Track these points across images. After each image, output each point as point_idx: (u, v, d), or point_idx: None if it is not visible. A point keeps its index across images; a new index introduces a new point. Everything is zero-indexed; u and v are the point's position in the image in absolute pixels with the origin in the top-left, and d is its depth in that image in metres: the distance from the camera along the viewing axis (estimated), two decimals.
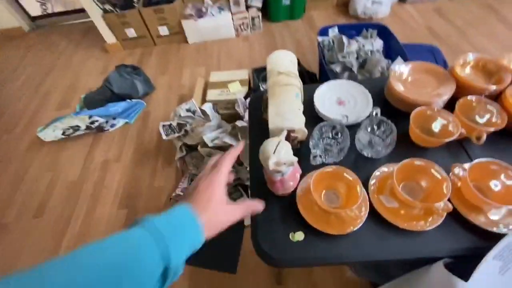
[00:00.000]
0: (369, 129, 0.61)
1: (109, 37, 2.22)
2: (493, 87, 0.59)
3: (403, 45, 1.48)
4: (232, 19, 2.11)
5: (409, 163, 0.50)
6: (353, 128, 0.64)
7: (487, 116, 0.57)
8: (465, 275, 0.41)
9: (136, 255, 0.26)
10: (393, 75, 0.66)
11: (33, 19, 2.67)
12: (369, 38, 1.44)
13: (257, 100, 0.74)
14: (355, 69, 1.30)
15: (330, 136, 0.62)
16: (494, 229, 0.46)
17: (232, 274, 1.10)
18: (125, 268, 0.24)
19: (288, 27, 2.24)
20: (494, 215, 0.48)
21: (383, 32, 1.55)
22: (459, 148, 0.58)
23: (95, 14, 2.05)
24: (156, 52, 2.24)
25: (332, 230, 0.49)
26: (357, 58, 1.39)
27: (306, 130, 0.55)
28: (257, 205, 0.40)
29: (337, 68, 1.32)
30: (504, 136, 0.56)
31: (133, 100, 1.78)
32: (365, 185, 0.54)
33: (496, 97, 0.61)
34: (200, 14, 2.08)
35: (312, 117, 0.67)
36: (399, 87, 0.65)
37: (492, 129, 0.54)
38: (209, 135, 1.27)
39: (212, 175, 0.36)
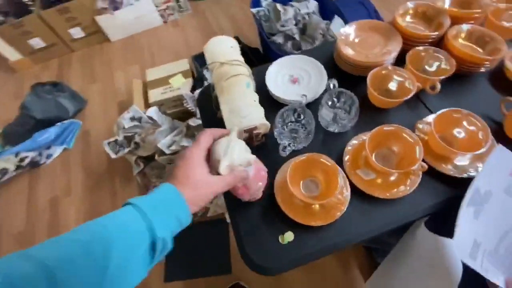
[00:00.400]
0: (329, 103, 0.58)
1: (12, 54, 1.84)
2: (435, 33, 0.59)
3: (335, 1, 1.47)
4: (155, 4, 1.88)
5: (379, 131, 0.49)
6: (313, 105, 0.61)
7: (437, 63, 0.57)
8: (447, 231, 0.42)
9: (124, 228, 0.28)
10: (340, 38, 0.63)
11: None
12: (303, 0, 1.39)
13: (205, 97, 0.66)
14: (297, 36, 1.26)
15: (293, 120, 0.58)
16: (465, 175, 0.47)
17: (228, 274, 1.07)
18: (114, 240, 0.27)
19: (218, 2, 2.08)
20: (461, 162, 0.49)
21: None
22: (417, 102, 0.58)
23: None
24: (76, 59, 1.93)
25: (319, 221, 0.46)
26: (295, 24, 1.34)
27: (268, 123, 0.50)
28: (243, 173, 0.40)
29: (279, 39, 1.26)
30: (456, 80, 0.58)
31: (64, 122, 1.53)
32: (339, 162, 0.52)
33: (439, 43, 0.61)
34: (115, 5, 1.81)
35: (269, 102, 0.62)
36: (348, 51, 0.62)
37: (443, 77, 0.54)
38: (164, 141, 1.16)
39: (188, 150, 0.37)
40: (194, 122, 1.13)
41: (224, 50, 0.56)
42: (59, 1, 1.74)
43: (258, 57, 1.49)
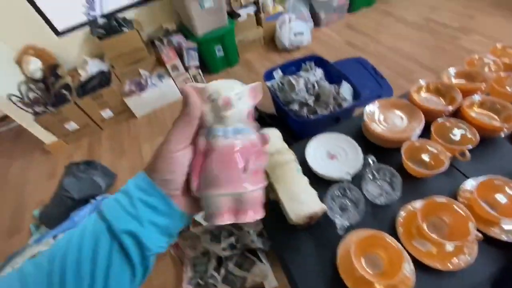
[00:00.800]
0: (371, 177, 0.64)
1: (48, 137, 2.03)
2: (451, 107, 0.67)
3: (335, 64, 1.65)
4: (175, 82, 2.12)
5: (430, 202, 0.53)
6: (354, 179, 0.66)
7: (460, 131, 0.65)
8: None
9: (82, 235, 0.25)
10: (367, 116, 0.72)
11: None
12: (310, 70, 1.57)
13: None
14: (311, 102, 1.39)
15: (340, 195, 0.63)
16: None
17: None
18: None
19: (229, 74, 2.33)
20: (508, 226, 0.52)
21: (318, 60, 1.71)
22: (452, 169, 0.64)
23: (26, 120, 1.87)
24: (106, 137, 2.10)
25: None
26: (306, 91, 1.49)
27: (325, 206, 0.55)
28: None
29: (295, 107, 1.39)
30: (481, 145, 0.64)
31: (97, 198, 1.61)
32: (393, 233, 0.56)
33: (456, 113, 0.70)
34: (141, 87, 2.05)
35: (310, 176, 0.68)
36: (376, 127, 0.70)
37: (469, 147, 0.61)
38: None
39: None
40: None
41: (272, 140, 0.64)
42: (93, 89, 1.98)
43: (275, 120, 1.62)
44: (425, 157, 0.64)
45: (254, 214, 0.27)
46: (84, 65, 2.12)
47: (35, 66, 1.94)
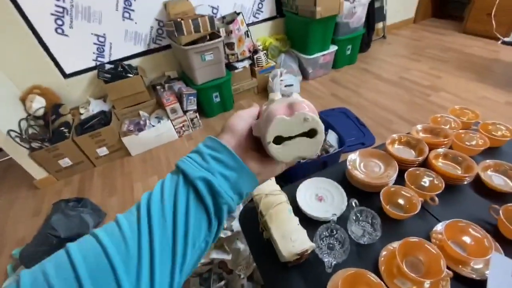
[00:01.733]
0: (354, 218, 0.71)
1: (39, 172, 2.02)
2: (420, 158, 0.79)
3: (321, 114, 1.82)
4: (173, 124, 2.23)
5: (405, 243, 0.60)
6: (339, 220, 0.73)
7: (429, 179, 0.75)
8: None
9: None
10: (350, 164, 0.82)
11: None
12: None
13: (248, 219, 0.78)
14: None
15: (327, 235, 0.69)
16: (485, 277, 0.57)
17: None
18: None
19: (224, 118, 2.48)
20: (478, 265, 0.59)
21: None
22: (425, 212, 0.72)
23: (20, 155, 1.88)
24: (98, 174, 2.12)
25: None
26: None
27: (314, 245, 0.61)
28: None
29: None
30: (448, 191, 0.73)
31: None
32: (376, 271, 0.61)
33: (424, 163, 0.81)
34: (140, 127, 2.14)
35: (300, 216, 0.74)
36: (357, 174, 0.80)
37: (437, 192, 0.70)
38: None
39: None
40: (225, 233, 1.20)
41: (266, 182, 0.72)
42: (92, 127, 2.05)
43: None
44: (401, 201, 0.73)
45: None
46: (87, 104, 2.23)
47: (39, 104, 2.02)
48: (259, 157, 0.32)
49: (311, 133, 0.29)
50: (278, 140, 0.29)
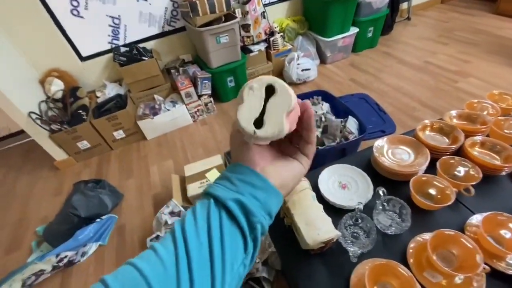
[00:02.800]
0: (380, 208, 0.67)
1: (59, 154, 2.07)
2: (454, 146, 0.73)
3: (340, 99, 1.74)
4: (187, 108, 2.22)
5: (439, 234, 0.56)
6: (364, 209, 0.70)
7: (465, 169, 0.69)
8: None
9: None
10: (377, 151, 0.77)
11: None
12: (318, 104, 1.66)
13: None
14: (318, 134, 1.46)
15: (351, 224, 0.66)
16: None
17: None
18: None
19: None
20: None
21: (325, 95, 1.82)
22: (458, 204, 0.68)
23: (41, 136, 1.93)
24: (115, 156, 2.15)
25: None
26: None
27: (339, 233, 0.58)
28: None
29: None
30: (484, 182, 0.68)
31: (103, 218, 1.61)
32: (403, 263, 0.58)
33: (458, 151, 0.75)
34: (155, 111, 2.14)
35: (322, 205, 0.72)
36: (385, 161, 0.75)
37: (473, 183, 0.65)
38: None
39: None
40: None
41: None
42: (109, 110, 2.07)
43: None
44: (432, 191, 0.68)
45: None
46: (103, 88, 2.25)
47: (57, 87, 2.05)
48: (279, 164, 0.32)
49: (271, 91, 0.27)
50: (259, 124, 0.27)
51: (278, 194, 0.30)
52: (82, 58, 2.18)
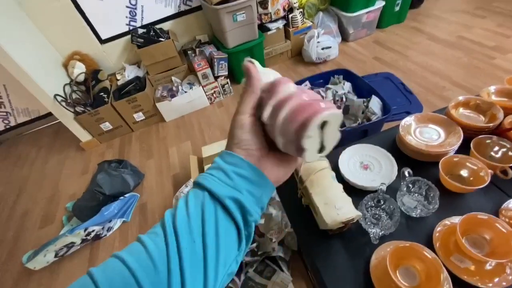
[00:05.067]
0: (406, 190, 0.63)
1: (84, 135, 2.16)
2: (492, 124, 0.66)
3: (363, 78, 1.65)
4: (204, 90, 2.21)
5: (470, 218, 0.52)
6: (388, 190, 0.66)
7: (502, 150, 0.63)
8: None
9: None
10: (403, 129, 0.72)
11: None
12: (339, 83, 1.59)
13: (283, 184, 0.74)
14: None
15: (373, 205, 0.63)
16: None
17: None
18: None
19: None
20: None
21: (347, 74, 1.73)
22: (492, 186, 0.63)
23: (67, 118, 2.01)
24: (136, 138, 2.21)
25: None
26: (334, 103, 1.50)
27: (360, 213, 0.56)
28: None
29: None
30: None
31: (126, 196, 1.69)
32: (429, 246, 0.55)
33: (494, 131, 0.68)
34: (172, 93, 2.15)
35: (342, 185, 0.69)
36: (411, 140, 0.70)
37: (511, 165, 0.59)
38: None
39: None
40: None
41: None
42: (128, 93, 2.11)
43: None
44: (464, 173, 0.63)
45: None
46: (122, 70, 2.28)
47: (79, 70, 2.10)
48: (275, 159, 0.30)
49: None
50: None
51: (272, 187, 0.29)
52: (102, 41, 2.21)
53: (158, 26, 2.23)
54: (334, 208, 0.55)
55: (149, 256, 0.23)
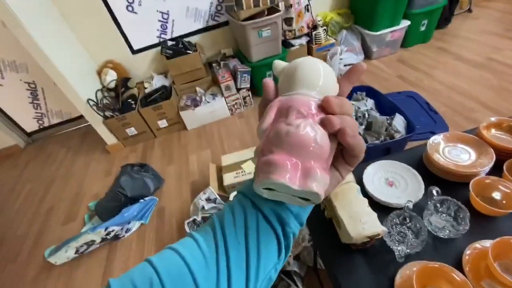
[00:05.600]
0: (432, 208, 0.62)
1: (110, 139, 2.27)
2: None
3: (386, 96, 1.64)
4: (226, 101, 2.27)
5: (503, 242, 0.50)
6: (414, 208, 0.65)
7: None
8: None
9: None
10: (430, 147, 0.71)
11: (29, 134, 2.72)
12: (361, 100, 1.58)
13: None
14: (361, 131, 1.39)
15: (398, 223, 0.62)
16: None
17: None
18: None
19: None
20: None
21: (370, 91, 1.72)
22: None
23: (96, 121, 2.13)
24: (158, 144, 2.29)
25: None
26: (356, 119, 1.50)
27: (386, 229, 0.55)
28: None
29: None
30: None
31: (146, 199, 1.74)
32: (458, 269, 0.53)
33: None
34: (196, 103, 2.23)
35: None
36: (440, 159, 0.69)
37: None
38: None
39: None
40: None
41: None
42: (154, 101, 2.21)
43: None
44: (496, 195, 0.61)
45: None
46: (150, 79, 2.40)
47: (111, 77, 2.24)
48: None
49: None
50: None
51: (311, 206, 0.29)
52: (134, 51, 2.35)
53: (186, 39, 2.34)
54: (359, 222, 0.55)
55: (201, 252, 0.25)
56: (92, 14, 2.08)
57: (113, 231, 1.52)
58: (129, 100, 2.22)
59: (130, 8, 2.14)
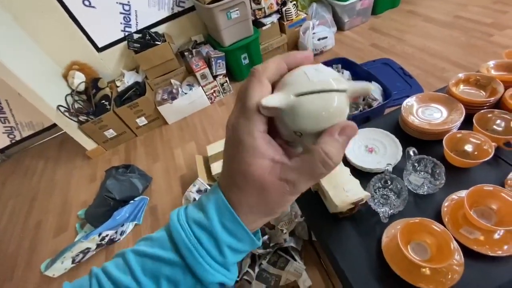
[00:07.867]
0: (411, 169, 0.65)
1: (89, 144, 2.19)
2: (493, 98, 0.67)
3: (362, 66, 1.65)
4: (204, 90, 2.22)
5: (476, 190, 0.53)
6: (394, 170, 0.68)
7: (505, 122, 0.64)
8: None
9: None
10: (404, 110, 0.73)
11: (2, 150, 2.58)
12: (338, 72, 1.59)
13: None
14: None
15: (380, 186, 0.65)
16: None
17: None
18: None
19: None
20: None
21: (345, 62, 1.73)
22: (496, 159, 0.63)
23: (71, 128, 2.04)
24: (140, 143, 2.24)
25: (431, 285, 0.49)
26: None
27: (369, 194, 0.57)
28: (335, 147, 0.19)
29: None
30: None
31: (135, 199, 1.71)
32: (438, 221, 0.56)
33: (496, 104, 0.69)
34: (173, 96, 2.17)
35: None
36: (414, 120, 0.71)
37: None
38: None
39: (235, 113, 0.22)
40: None
41: None
42: (129, 98, 2.13)
43: None
44: (468, 148, 0.64)
45: None
46: (121, 77, 2.30)
47: (79, 80, 2.12)
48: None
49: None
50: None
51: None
52: (99, 49, 2.23)
53: (153, 30, 2.24)
54: (343, 190, 0.56)
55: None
56: (45, 12, 1.93)
57: (107, 235, 1.51)
58: (103, 101, 2.13)
59: (86, 3, 2.00)
